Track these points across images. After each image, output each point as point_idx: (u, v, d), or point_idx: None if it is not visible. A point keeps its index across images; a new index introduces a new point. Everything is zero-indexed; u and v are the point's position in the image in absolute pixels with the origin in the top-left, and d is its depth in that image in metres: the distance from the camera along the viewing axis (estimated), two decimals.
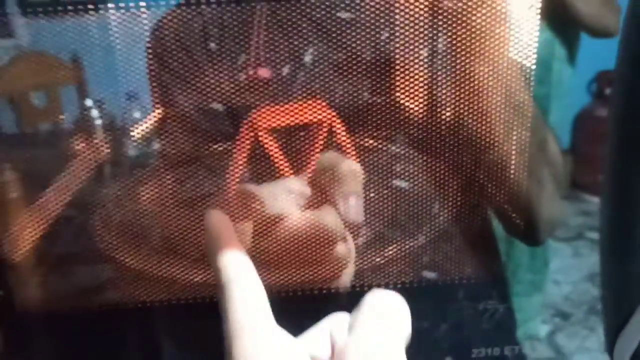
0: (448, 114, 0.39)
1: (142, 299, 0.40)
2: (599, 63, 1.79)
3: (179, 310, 0.42)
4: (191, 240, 0.38)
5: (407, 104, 0.39)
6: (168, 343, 0.52)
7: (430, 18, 0.37)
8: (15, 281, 0.41)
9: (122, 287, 0.42)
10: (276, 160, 0.40)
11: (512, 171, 0.41)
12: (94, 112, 0.49)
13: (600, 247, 0.35)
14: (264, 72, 0.47)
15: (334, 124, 0.41)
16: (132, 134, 0.44)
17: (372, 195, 0.37)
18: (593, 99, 2.73)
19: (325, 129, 0.41)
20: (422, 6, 0.37)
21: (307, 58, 0.47)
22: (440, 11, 0.37)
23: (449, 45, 0.39)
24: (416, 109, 0.40)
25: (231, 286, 0.30)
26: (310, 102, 0.40)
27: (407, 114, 0.40)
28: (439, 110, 0.40)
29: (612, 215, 0.34)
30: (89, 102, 0.50)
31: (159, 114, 0.44)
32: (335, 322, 0.29)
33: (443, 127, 0.39)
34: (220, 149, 0.43)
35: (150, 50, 0.42)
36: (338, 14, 0.41)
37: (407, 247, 0.41)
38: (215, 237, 0.32)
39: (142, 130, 0.43)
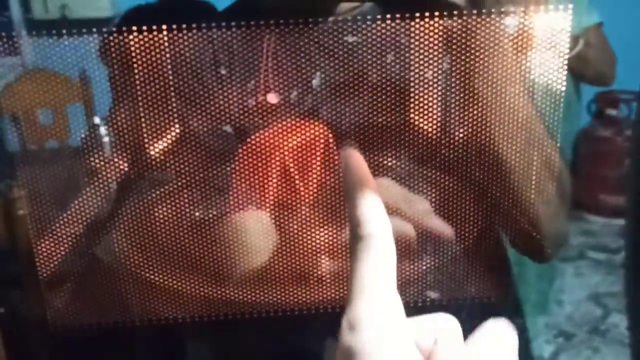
0: (459, 134, 0.40)
1: (168, 316, 0.40)
2: None
3: (212, 326, 0.42)
4: (209, 257, 0.38)
5: (417, 124, 0.40)
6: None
7: (439, 41, 0.37)
8: (47, 300, 0.41)
9: (144, 303, 0.41)
10: (294, 178, 0.40)
11: (521, 188, 0.41)
12: (102, 130, 0.49)
13: (626, 270, 0.34)
14: (273, 98, 0.48)
15: (328, 140, 0.41)
16: (144, 152, 0.44)
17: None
18: (593, 119, 2.74)
19: (321, 146, 0.41)
20: (431, 31, 0.37)
21: (316, 82, 0.47)
22: (450, 39, 0.37)
23: (455, 67, 0.39)
24: (427, 128, 0.40)
25: (369, 241, 0.28)
26: (304, 122, 0.40)
27: (417, 134, 0.40)
28: (449, 130, 0.40)
29: (637, 239, 0.34)
30: (96, 120, 0.50)
31: (172, 132, 0.44)
32: (443, 322, 0.28)
33: (454, 147, 0.39)
34: (229, 169, 0.43)
35: (161, 73, 0.42)
36: (345, 38, 0.42)
37: (418, 267, 0.40)
38: (356, 180, 0.30)
39: (154, 148, 0.43)
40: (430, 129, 0.39)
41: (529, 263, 0.58)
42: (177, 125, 0.42)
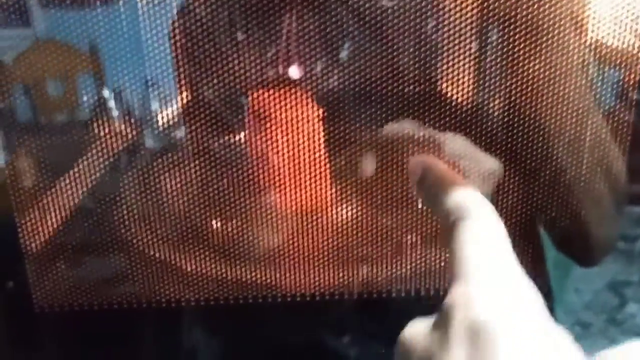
0: (500, 108, 0.37)
1: (168, 296, 0.38)
2: None
3: (209, 309, 0.40)
4: (220, 232, 0.36)
5: (458, 96, 0.37)
6: (190, 342, 0.51)
7: (481, 8, 0.35)
8: (33, 275, 0.40)
9: (146, 281, 0.40)
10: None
11: (569, 182, 0.39)
12: (112, 101, 0.48)
13: None
14: (294, 72, 0.45)
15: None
16: (152, 122, 0.43)
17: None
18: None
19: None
20: None
21: (344, 53, 0.45)
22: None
23: (502, 39, 0.37)
24: (468, 101, 0.37)
25: (469, 222, 0.27)
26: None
27: (457, 106, 0.37)
28: (489, 103, 0.38)
29: None
30: (106, 91, 0.49)
31: (182, 101, 0.42)
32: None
33: (495, 122, 0.37)
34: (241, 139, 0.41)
35: (174, 38, 0.40)
36: (382, 2, 0.39)
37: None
38: (439, 177, 0.29)
39: (164, 118, 0.42)
40: (470, 101, 0.37)
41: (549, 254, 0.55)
42: (187, 92, 0.40)
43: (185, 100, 0.42)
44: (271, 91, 0.40)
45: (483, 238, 0.26)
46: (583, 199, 0.39)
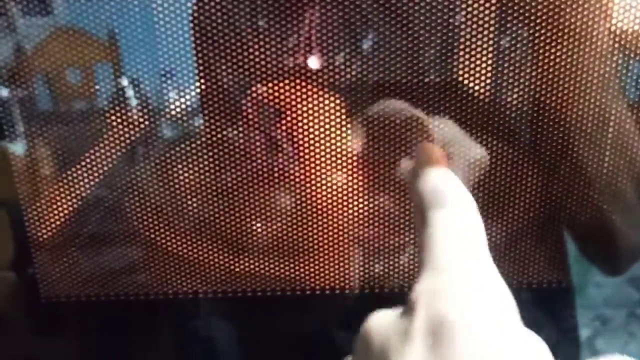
0: (518, 102, 0.36)
1: (179, 288, 0.38)
2: None
3: (217, 303, 0.40)
4: (233, 225, 0.36)
5: (480, 87, 0.36)
6: (200, 336, 0.51)
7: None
8: (41, 264, 0.40)
9: (157, 273, 0.40)
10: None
11: (595, 186, 0.37)
12: (129, 90, 0.48)
13: None
14: (314, 63, 0.45)
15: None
16: (169, 111, 0.43)
17: None
18: None
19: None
20: None
21: (367, 44, 0.44)
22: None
23: (523, 29, 0.35)
24: (490, 92, 0.36)
25: (446, 211, 0.25)
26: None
27: (479, 98, 0.36)
28: (509, 95, 0.36)
29: None
30: (123, 80, 0.49)
31: (199, 91, 0.42)
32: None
33: (513, 118, 0.36)
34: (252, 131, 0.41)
35: (194, 24, 0.40)
36: None
37: None
38: (426, 156, 0.28)
39: (179, 108, 0.42)
40: (491, 93, 0.36)
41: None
42: (204, 81, 0.40)
43: (202, 90, 0.42)
44: (288, 82, 0.40)
45: (458, 231, 0.25)
46: (605, 195, 0.38)
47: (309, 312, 0.47)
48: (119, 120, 0.43)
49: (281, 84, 0.38)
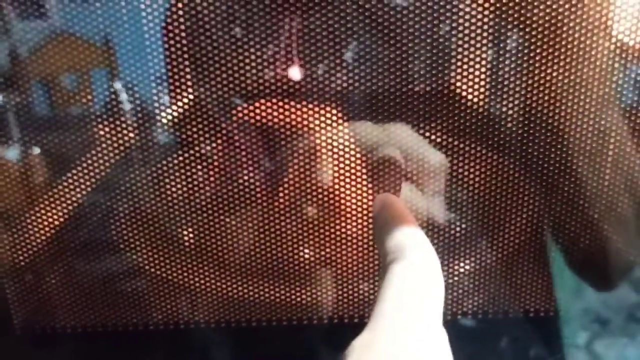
0: (513, 117, 0.35)
1: (166, 318, 0.37)
2: None
3: (218, 332, 0.39)
4: (228, 245, 0.35)
5: (465, 100, 0.36)
6: None
7: (498, 7, 0.33)
8: (14, 292, 0.37)
9: (144, 301, 0.39)
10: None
11: (588, 197, 0.36)
12: (124, 96, 0.48)
13: None
14: (295, 74, 0.44)
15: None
16: (161, 119, 0.42)
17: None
18: None
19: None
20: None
21: (349, 55, 0.43)
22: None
23: (518, 41, 0.35)
24: (481, 101, 0.36)
25: (402, 264, 0.25)
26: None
27: (465, 112, 0.36)
28: (501, 103, 0.36)
29: None
30: (118, 86, 0.49)
31: (183, 102, 0.42)
32: None
33: (508, 133, 0.35)
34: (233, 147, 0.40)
35: (166, 32, 0.40)
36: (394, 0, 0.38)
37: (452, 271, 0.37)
38: (392, 215, 0.28)
39: (171, 116, 0.41)
40: (484, 106, 0.35)
41: None
42: (190, 91, 0.39)
43: (186, 101, 0.42)
44: (273, 98, 0.39)
45: (410, 284, 0.24)
46: (604, 215, 0.37)
47: (302, 340, 0.46)
48: (111, 126, 0.43)
49: (262, 101, 0.37)
